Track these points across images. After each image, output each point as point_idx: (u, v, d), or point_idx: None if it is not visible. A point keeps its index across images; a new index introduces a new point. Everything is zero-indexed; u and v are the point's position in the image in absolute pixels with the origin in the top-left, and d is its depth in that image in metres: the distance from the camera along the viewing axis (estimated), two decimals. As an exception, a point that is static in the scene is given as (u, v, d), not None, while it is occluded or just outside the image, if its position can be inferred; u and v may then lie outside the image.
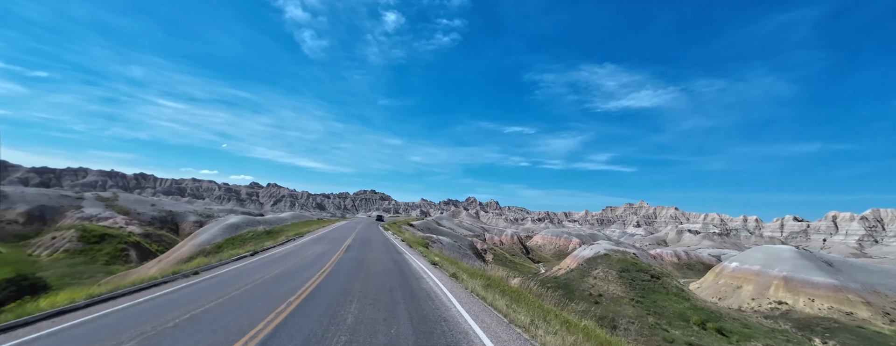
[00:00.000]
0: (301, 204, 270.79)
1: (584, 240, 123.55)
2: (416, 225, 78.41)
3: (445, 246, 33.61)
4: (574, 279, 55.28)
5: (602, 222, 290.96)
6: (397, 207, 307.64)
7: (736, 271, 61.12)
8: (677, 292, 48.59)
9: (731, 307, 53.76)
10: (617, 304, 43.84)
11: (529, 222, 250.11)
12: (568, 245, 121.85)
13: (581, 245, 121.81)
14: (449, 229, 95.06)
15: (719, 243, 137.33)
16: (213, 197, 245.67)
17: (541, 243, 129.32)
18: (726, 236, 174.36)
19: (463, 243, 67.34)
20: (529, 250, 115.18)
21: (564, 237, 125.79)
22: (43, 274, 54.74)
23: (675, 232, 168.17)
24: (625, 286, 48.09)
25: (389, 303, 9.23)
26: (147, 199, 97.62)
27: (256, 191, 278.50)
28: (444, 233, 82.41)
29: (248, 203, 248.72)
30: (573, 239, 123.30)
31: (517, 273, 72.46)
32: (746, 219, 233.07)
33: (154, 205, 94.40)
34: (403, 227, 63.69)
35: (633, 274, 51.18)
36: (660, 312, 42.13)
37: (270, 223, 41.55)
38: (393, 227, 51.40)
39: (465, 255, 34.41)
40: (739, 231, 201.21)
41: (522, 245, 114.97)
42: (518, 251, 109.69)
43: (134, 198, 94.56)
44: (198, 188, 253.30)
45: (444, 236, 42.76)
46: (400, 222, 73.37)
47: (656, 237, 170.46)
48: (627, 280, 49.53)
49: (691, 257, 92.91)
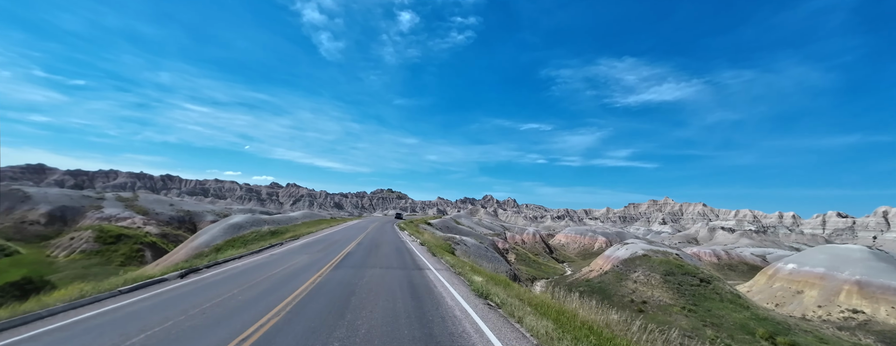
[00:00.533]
0: (319, 204, 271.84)
1: (611, 239, 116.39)
2: (435, 224, 74.15)
3: (470, 249, 28.98)
4: (610, 283, 49.65)
5: (624, 219, 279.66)
6: (414, 205, 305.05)
7: (794, 274, 53.91)
8: (733, 298, 42.34)
9: (793, 315, 46.92)
10: (666, 313, 38.12)
11: (549, 219, 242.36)
12: (593, 244, 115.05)
13: (607, 244, 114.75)
14: (468, 228, 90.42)
15: (760, 242, 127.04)
16: (234, 197, 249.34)
17: (564, 242, 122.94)
18: (763, 234, 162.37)
19: (484, 242, 62.59)
20: (553, 250, 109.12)
21: (589, 236, 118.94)
22: (56, 276, 53.22)
23: (707, 229, 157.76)
24: (672, 292, 42.19)
25: None
26: (166, 199, 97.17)
27: (276, 191, 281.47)
28: (465, 232, 77.86)
29: (268, 203, 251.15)
30: (599, 238, 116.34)
31: (542, 274, 67.65)
32: (782, 215, 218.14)
33: (172, 205, 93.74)
34: (421, 226, 59.49)
35: (680, 278, 45.14)
36: (718, 323, 36.21)
37: (278, 223, 38.00)
38: (409, 226, 47.25)
39: (494, 259, 29.67)
40: (777, 229, 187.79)
41: (545, 244, 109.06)
42: (541, 251, 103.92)
43: (153, 198, 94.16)
44: (220, 189, 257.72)
45: (467, 237, 38.09)
46: (417, 221, 69.31)
47: (686, 235, 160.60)
48: (674, 285, 43.58)
49: (733, 257, 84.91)
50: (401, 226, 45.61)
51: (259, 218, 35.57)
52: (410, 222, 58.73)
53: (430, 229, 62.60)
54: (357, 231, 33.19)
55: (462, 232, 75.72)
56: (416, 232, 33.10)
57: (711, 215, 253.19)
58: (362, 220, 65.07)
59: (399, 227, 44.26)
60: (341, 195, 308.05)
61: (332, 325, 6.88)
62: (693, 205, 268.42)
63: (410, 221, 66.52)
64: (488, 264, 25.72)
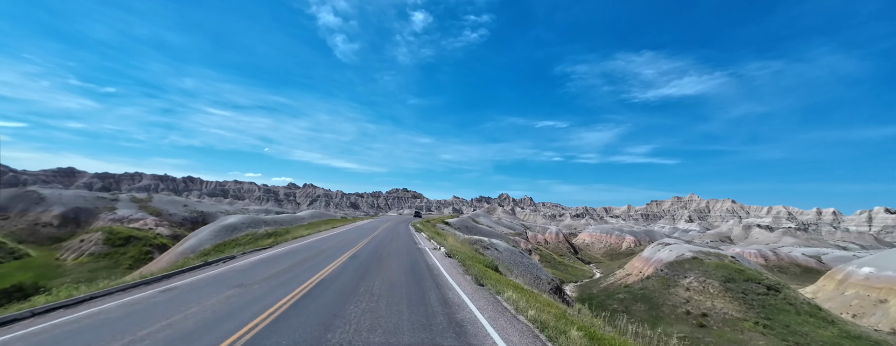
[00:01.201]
0: (336, 204, 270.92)
1: (639, 238, 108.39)
2: (453, 223, 68.80)
3: (503, 253, 23.42)
4: (655, 290, 43.07)
5: (647, 217, 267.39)
6: (429, 204, 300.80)
7: (872, 279, 45.95)
8: (811, 310, 35.25)
9: (878, 328, 39.31)
10: (735, 328, 31.54)
11: (568, 218, 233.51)
12: (621, 244, 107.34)
13: (636, 244, 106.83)
14: (488, 227, 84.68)
15: (805, 241, 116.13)
16: (253, 198, 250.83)
17: (588, 242, 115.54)
18: (804, 232, 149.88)
19: (508, 242, 56.88)
20: (577, 250, 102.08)
21: (616, 235, 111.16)
22: (57, 281, 50.38)
23: (741, 227, 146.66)
24: (736, 302, 35.44)
25: None
26: (180, 199, 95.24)
27: (294, 191, 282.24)
28: (485, 231, 72.25)
29: (286, 203, 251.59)
30: (626, 237, 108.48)
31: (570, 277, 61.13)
32: (821, 212, 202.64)
33: (186, 205, 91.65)
34: (439, 226, 54.22)
35: (742, 285, 38.24)
36: (803, 343, 29.43)
37: (279, 223, 33.44)
38: (427, 227, 42.09)
39: (530, 266, 24.01)
40: (819, 226, 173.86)
41: (569, 244, 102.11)
42: (565, 251, 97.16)
43: (167, 199, 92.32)
44: (239, 190, 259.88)
45: (496, 240, 32.39)
46: (434, 220, 64.09)
47: (718, 233, 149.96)
48: (737, 294, 36.77)
49: (782, 258, 76.17)
50: (417, 226, 40.45)
51: (257, 219, 31.06)
52: (427, 222, 53.63)
53: (450, 229, 57.31)
54: (363, 234, 28.11)
55: (484, 232, 70.14)
56: (435, 235, 27.77)
57: (741, 211, 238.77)
58: (374, 220, 60.17)
59: (415, 227, 39.11)
60: (357, 195, 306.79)
61: None
62: (721, 202, 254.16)
63: (427, 220, 61.40)
64: (525, 275, 20.14)
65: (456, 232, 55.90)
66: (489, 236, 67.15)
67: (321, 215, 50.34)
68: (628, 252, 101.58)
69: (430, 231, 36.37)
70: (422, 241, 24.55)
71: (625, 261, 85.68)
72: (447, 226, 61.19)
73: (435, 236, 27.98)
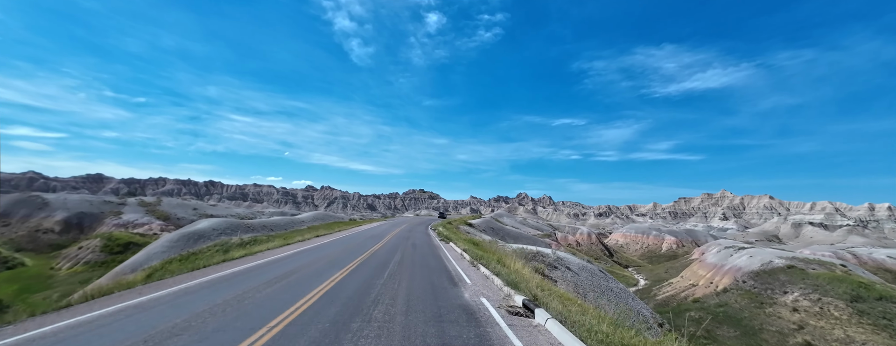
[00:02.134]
0: (353, 205, 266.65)
1: (680, 238, 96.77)
2: (477, 224, 60.38)
3: (581, 276, 14.83)
4: (742, 309, 33.26)
5: (675, 215, 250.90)
6: (446, 205, 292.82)
7: None
8: None
9: None
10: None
11: (592, 216, 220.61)
12: (659, 245, 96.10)
13: (678, 245, 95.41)
14: (513, 228, 75.69)
15: (877, 240, 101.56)
16: (271, 201, 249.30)
17: (622, 243, 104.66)
18: (863, 228, 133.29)
19: (579, 257, 48.24)
20: (612, 252, 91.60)
21: (653, 235, 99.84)
22: (45, 293, 44.45)
23: (789, 225, 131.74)
24: (883, 333, 25.48)
25: None
26: (188, 203, 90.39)
27: (311, 194, 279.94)
28: (512, 233, 63.50)
29: (304, 206, 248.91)
30: (666, 237, 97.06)
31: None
32: (874, 207, 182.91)
33: (195, 209, 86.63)
34: (462, 229, 45.94)
35: (876, 305, 28.13)
36: None
37: (269, 228, 26.05)
38: (451, 231, 33.86)
39: (623, 297, 15.31)
40: (881, 222, 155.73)
41: (603, 246, 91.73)
42: (599, 253, 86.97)
43: (176, 202, 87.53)
44: (259, 193, 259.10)
45: (564, 254, 23.38)
46: (455, 222, 55.79)
47: (762, 232, 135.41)
48: (876, 319, 26.76)
49: (865, 262, 63.89)
50: (440, 230, 32.23)
51: (238, 223, 23.76)
52: (449, 224, 45.44)
53: (473, 230, 48.96)
54: (366, 242, 20.19)
55: (513, 234, 61.44)
56: (471, 245, 19.41)
57: (780, 208, 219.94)
58: (386, 222, 52.18)
59: (438, 232, 30.90)
60: (374, 197, 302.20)
61: None
62: (757, 198, 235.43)
63: (448, 222, 53.10)
64: (627, 312, 11.56)
65: (482, 235, 47.46)
66: (524, 240, 58.23)
67: (325, 218, 42.92)
68: (670, 255, 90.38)
69: (454, 234, 28.10)
70: (452, 257, 16.21)
71: (670, 265, 74.92)
72: (470, 227, 52.81)
73: (467, 244, 19.64)
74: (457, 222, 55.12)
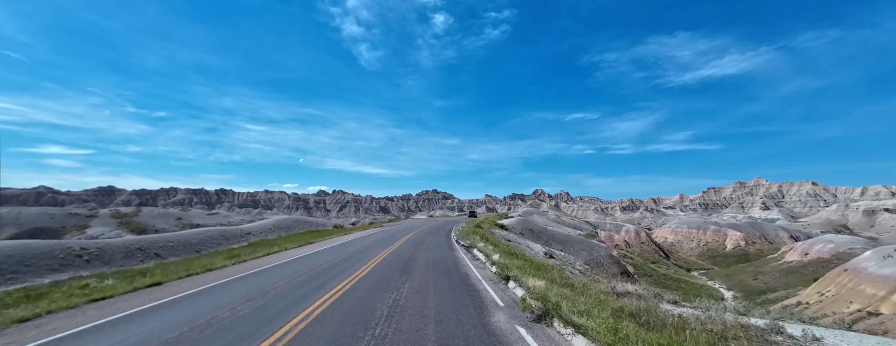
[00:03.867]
0: (365, 209, 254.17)
1: (747, 233, 79.17)
2: (510, 225, 45.10)
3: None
4: None
5: (706, 206, 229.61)
6: (461, 205, 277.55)
7: None
8: None
9: None
10: None
11: (618, 211, 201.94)
12: (722, 242, 78.80)
13: (746, 241, 77.89)
14: (552, 228, 60.07)
15: None
16: (282, 207, 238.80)
17: (672, 240, 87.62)
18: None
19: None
20: (667, 253, 74.81)
21: (712, 230, 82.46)
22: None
23: (862, 213, 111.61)
24: None
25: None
26: (173, 212, 77.46)
27: (323, 198, 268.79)
28: (560, 237, 48.01)
29: (315, 211, 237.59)
30: (729, 233, 79.61)
31: (694, 301, 28.04)
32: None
33: (180, 219, 73.69)
34: (497, 233, 30.89)
35: None
36: None
37: (191, 246, 11.52)
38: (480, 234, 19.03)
39: None
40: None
41: (656, 246, 75.04)
42: (653, 254, 70.43)
43: (158, 212, 74.72)
44: (270, 199, 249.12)
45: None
46: (484, 223, 40.43)
47: (827, 222, 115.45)
48: None
49: None
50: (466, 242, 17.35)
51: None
52: (478, 228, 30.56)
53: (512, 236, 33.74)
54: (322, 281, 5.02)
55: (556, 237, 45.93)
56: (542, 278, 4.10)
57: (825, 194, 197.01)
58: (386, 228, 36.84)
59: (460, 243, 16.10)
60: (387, 199, 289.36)
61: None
62: (797, 184, 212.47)
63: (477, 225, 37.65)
64: None
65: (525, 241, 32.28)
66: (576, 244, 42.79)
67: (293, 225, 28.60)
68: (738, 254, 72.90)
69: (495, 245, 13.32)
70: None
71: (752, 268, 57.77)
72: (504, 230, 37.54)
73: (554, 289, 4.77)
74: (486, 223, 40.02)
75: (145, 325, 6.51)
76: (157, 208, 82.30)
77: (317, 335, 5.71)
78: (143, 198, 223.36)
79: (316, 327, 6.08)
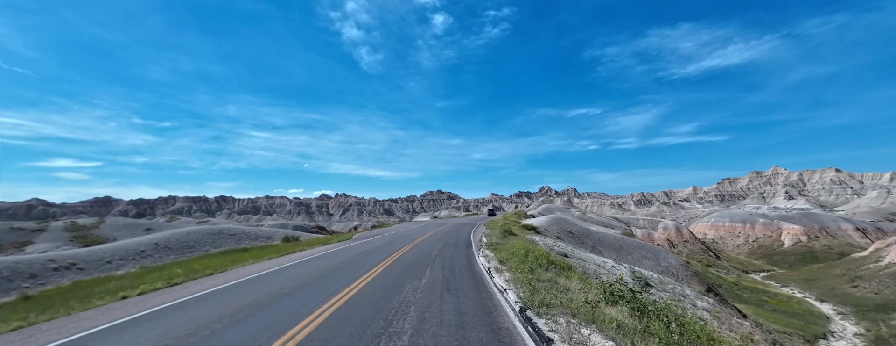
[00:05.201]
0: (369, 211, 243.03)
1: (806, 226, 67.00)
2: (543, 227, 33.43)
3: None
4: None
5: (722, 198, 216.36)
6: (467, 204, 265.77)
7: None
8: None
9: None
10: None
11: (632, 205, 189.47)
12: (777, 237, 66.76)
13: (807, 236, 65.80)
14: (593, 228, 48.41)
15: None
16: (284, 212, 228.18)
17: (713, 236, 75.70)
18: None
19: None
20: (717, 253, 62.76)
21: (761, 224, 70.33)
22: None
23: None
24: None
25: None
26: (142, 222, 66.59)
27: (326, 202, 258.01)
28: (609, 240, 36.46)
29: (318, 215, 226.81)
30: (783, 226, 67.51)
31: (783, 322, 13.04)
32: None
33: (149, 229, 62.74)
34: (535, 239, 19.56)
35: None
36: None
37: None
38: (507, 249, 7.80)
39: None
40: None
41: (703, 244, 63.03)
42: (701, 254, 58.58)
43: (123, 223, 63.77)
44: (271, 205, 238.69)
45: None
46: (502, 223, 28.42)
47: (873, 209, 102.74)
48: None
49: None
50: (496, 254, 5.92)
51: None
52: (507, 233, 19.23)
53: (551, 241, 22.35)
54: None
55: (606, 243, 34.46)
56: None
57: (851, 181, 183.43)
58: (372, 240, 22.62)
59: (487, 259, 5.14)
60: (391, 201, 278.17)
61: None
62: (819, 172, 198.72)
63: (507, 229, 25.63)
64: None
65: (590, 255, 20.95)
66: (637, 250, 31.37)
67: (214, 239, 17.03)
68: (802, 251, 60.73)
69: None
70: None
71: (844, 271, 45.52)
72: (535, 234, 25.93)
73: None
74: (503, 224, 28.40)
75: None
76: (123, 218, 71.38)
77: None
78: (140, 207, 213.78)
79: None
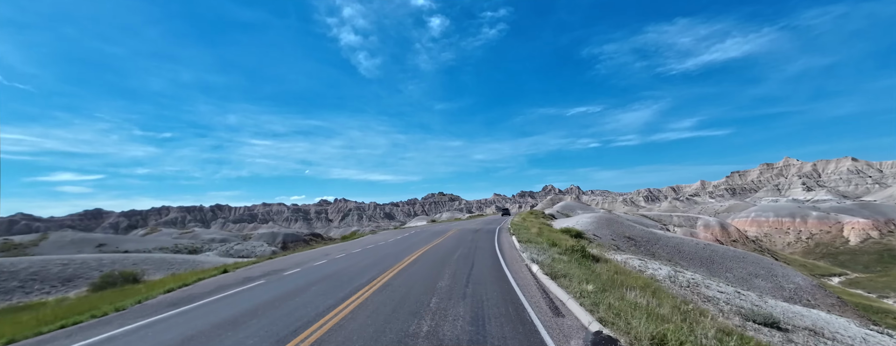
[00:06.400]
0: (369, 216, 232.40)
1: (869, 218, 56.74)
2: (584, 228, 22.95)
3: None
4: None
5: (733, 191, 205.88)
6: (469, 206, 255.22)
7: None
8: None
9: None
10: None
11: (642, 201, 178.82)
12: (839, 232, 56.58)
13: (877, 229, 55.63)
14: (663, 235, 38.28)
15: None
16: (281, 219, 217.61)
17: (756, 233, 65.47)
18: None
19: None
20: (775, 253, 52.53)
21: (816, 218, 60.08)
22: None
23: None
24: None
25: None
26: (96, 237, 56.20)
27: (325, 208, 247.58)
28: (678, 244, 26.22)
29: (316, 222, 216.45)
30: (845, 219, 57.35)
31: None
32: None
33: (102, 245, 52.33)
34: (635, 265, 9.41)
35: None
36: None
37: None
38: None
39: None
40: None
41: (754, 243, 52.78)
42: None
43: (70, 238, 53.43)
44: (268, 213, 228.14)
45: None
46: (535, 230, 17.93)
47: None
48: None
49: None
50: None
51: None
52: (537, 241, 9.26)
53: (614, 253, 11.76)
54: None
55: (685, 253, 23.98)
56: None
57: (869, 170, 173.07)
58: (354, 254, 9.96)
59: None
60: (392, 205, 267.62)
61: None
62: (834, 161, 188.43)
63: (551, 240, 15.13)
64: None
65: (708, 280, 9.58)
66: (737, 261, 20.30)
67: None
68: (878, 249, 50.13)
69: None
70: None
71: None
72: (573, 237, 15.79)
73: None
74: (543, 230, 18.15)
75: None
76: (72, 233, 60.78)
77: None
78: (133, 219, 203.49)
79: None
